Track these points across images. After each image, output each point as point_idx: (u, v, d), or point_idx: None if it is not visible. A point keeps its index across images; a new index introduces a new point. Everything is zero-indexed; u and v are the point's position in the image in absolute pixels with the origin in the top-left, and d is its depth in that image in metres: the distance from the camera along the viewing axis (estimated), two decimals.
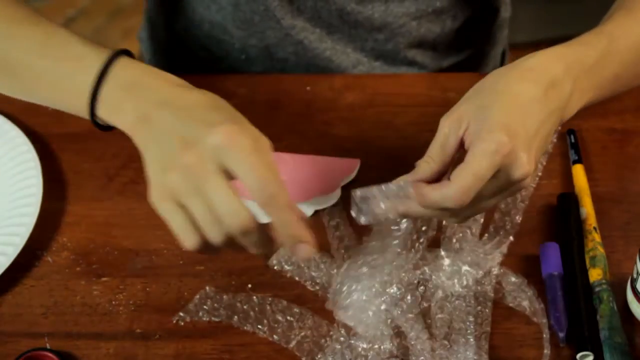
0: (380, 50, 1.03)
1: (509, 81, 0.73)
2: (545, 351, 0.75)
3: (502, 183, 0.70)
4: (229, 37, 1.04)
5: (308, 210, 0.87)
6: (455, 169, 0.69)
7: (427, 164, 0.72)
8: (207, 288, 0.81)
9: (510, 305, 0.79)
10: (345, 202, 0.88)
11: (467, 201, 0.68)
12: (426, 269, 0.81)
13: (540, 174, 0.90)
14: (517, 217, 0.86)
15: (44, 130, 0.94)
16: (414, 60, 1.05)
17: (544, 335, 0.76)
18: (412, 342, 0.76)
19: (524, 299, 0.79)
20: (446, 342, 0.76)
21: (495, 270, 0.81)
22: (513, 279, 0.80)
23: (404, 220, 0.80)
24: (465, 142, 0.71)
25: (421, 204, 0.70)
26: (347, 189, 0.89)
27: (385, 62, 1.05)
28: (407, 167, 0.73)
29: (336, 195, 0.88)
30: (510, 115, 0.70)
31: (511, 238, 0.84)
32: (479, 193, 0.69)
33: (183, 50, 1.10)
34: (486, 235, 0.84)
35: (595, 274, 0.80)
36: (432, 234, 0.83)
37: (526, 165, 0.69)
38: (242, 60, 1.06)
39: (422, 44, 1.04)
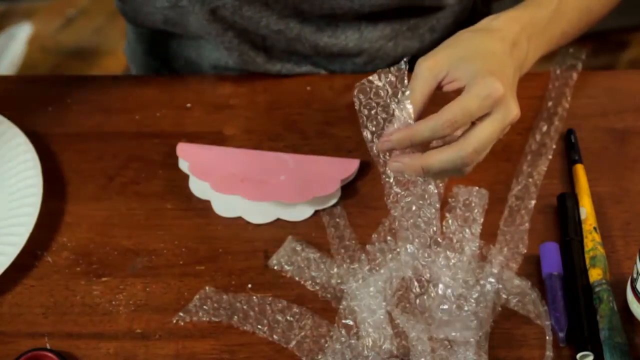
0: (360, 72, 1.03)
1: (481, 39, 0.81)
2: (547, 352, 0.75)
3: (499, 126, 0.76)
4: (204, 72, 1.05)
5: (308, 210, 0.87)
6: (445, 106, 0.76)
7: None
8: (207, 288, 0.81)
9: (514, 307, 0.79)
10: (345, 202, 0.88)
11: (452, 131, 0.75)
12: (427, 269, 0.81)
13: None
14: (517, 217, 0.86)
15: (44, 130, 0.94)
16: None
17: (547, 337, 0.76)
18: (414, 343, 0.76)
19: (527, 302, 0.79)
20: (446, 343, 0.76)
21: (496, 271, 0.81)
22: (517, 282, 0.80)
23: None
24: (445, 87, 0.78)
25: (414, 140, 0.76)
26: (347, 189, 0.89)
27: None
28: None
29: (336, 195, 0.88)
30: (494, 67, 0.78)
31: (512, 237, 0.84)
32: (481, 137, 0.75)
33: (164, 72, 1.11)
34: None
35: (595, 274, 0.80)
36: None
37: (515, 108, 0.77)
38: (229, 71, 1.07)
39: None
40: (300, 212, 0.87)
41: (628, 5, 1.07)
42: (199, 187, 0.89)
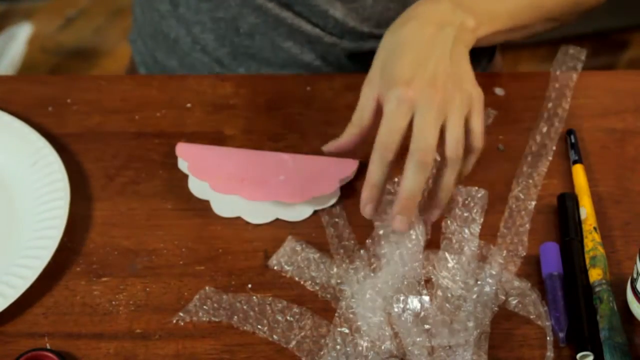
0: (341, 29, 1.02)
1: (395, 29, 0.85)
2: (548, 353, 0.75)
3: (429, 114, 0.78)
4: (201, 15, 1.04)
5: (307, 210, 0.87)
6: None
7: (348, 129, 0.84)
8: (207, 288, 0.81)
9: (514, 309, 0.79)
10: (344, 202, 0.88)
11: (394, 152, 0.79)
12: (426, 270, 0.81)
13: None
14: (517, 218, 0.86)
15: (44, 130, 0.94)
16: (380, 36, 1.04)
17: (548, 338, 0.76)
18: (409, 348, 0.76)
19: (527, 303, 0.79)
20: (446, 344, 0.76)
21: (495, 272, 0.81)
22: (516, 283, 0.80)
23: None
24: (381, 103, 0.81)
25: (375, 182, 0.80)
26: (346, 189, 0.89)
27: (352, 39, 1.04)
28: None
29: (335, 195, 0.88)
30: (404, 64, 0.81)
31: (512, 238, 0.84)
32: (423, 134, 0.78)
33: (167, 40, 1.10)
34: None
35: (595, 274, 0.80)
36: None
37: (432, 93, 0.78)
38: (213, 42, 1.06)
39: (382, 22, 1.02)
40: (300, 212, 0.87)
41: (628, 5, 1.07)
42: (198, 187, 0.89)
